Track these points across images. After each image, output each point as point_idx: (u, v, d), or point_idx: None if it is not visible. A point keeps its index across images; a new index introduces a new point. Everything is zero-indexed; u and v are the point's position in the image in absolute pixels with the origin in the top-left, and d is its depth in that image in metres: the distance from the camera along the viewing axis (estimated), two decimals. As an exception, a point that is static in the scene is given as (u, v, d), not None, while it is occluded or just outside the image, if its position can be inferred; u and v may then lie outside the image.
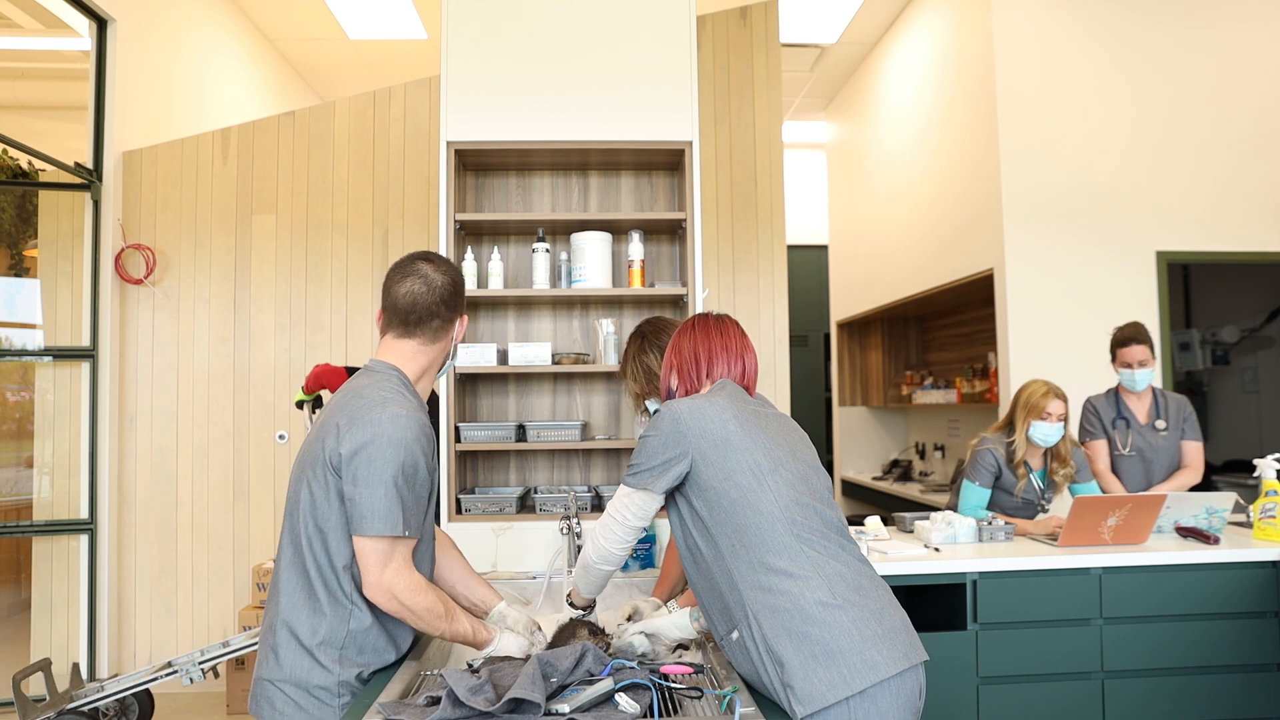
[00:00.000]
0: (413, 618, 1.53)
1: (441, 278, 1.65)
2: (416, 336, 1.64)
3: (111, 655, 4.19)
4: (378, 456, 1.46)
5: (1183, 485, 3.32)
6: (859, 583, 1.47)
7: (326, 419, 1.56)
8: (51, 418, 4.29)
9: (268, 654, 1.54)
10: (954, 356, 6.37)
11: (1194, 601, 2.64)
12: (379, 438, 1.46)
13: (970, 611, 2.59)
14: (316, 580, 1.51)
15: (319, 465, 1.51)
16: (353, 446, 1.46)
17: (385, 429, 1.47)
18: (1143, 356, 3.31)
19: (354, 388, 1.58)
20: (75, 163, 4.18)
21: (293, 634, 1.51)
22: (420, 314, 1.63)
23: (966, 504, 3.13)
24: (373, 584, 1.48)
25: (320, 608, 1.51)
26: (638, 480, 1.57)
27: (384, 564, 1.48)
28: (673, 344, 1.77)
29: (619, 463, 2.97)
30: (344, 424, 1.50)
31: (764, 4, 4.27)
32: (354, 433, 1.47)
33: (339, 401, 1.57)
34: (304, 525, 1.52)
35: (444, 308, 1.64)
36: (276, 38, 6.10)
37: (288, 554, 1.56)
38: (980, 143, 4.73)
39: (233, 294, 4.42)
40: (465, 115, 2.75)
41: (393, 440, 1.47)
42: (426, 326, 1.64)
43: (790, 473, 1.53)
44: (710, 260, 4.11)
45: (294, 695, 1.50)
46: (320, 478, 1.51)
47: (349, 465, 1.47)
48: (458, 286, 1.69)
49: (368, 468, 1.46)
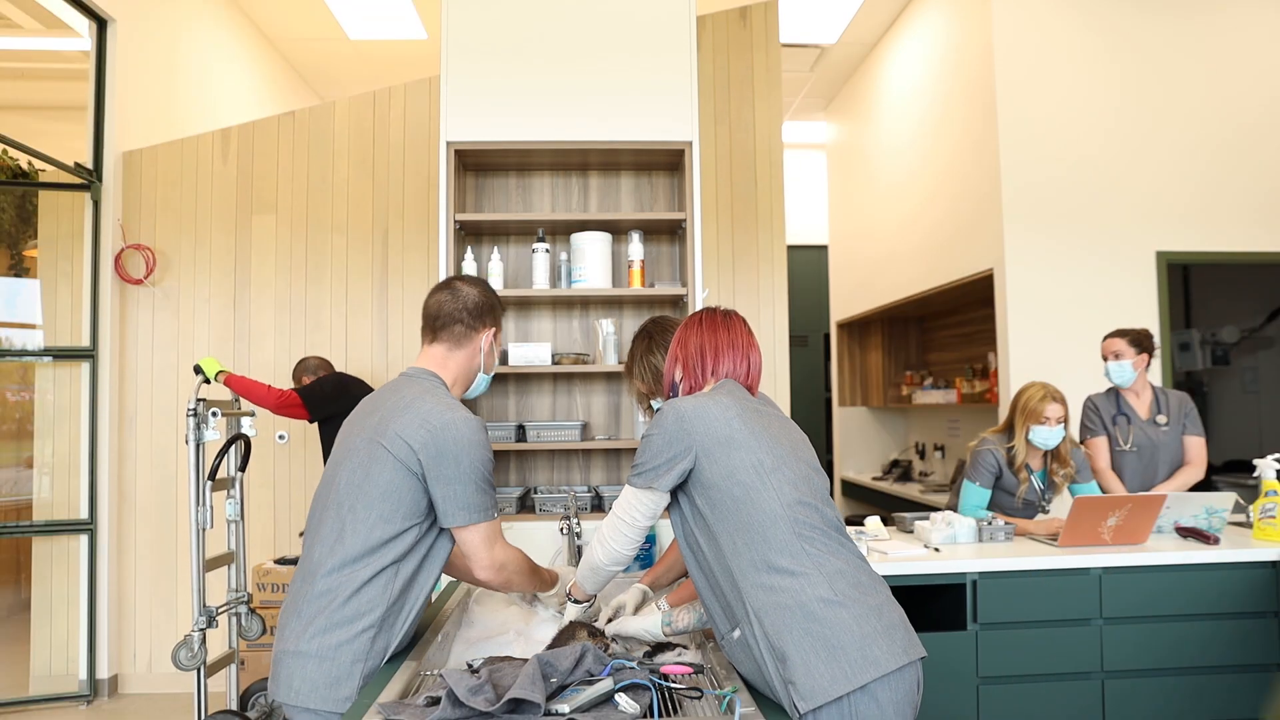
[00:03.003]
0: (519, 581, 1.77)
1: (470, 290, 1.80)
2: (442, 342, 1.78)
3: (111, 655, 4.19)
4: (464, 456, 1.60)
5: (1185, 482, 3.32)
6: (859, 579, 1.47)
7: (384, 420, 1.63)
8: (51, 418, 4.30)
9: (298, 628, 1.58)
10: (954, 356, 6.37)
11: (1194, 602, 2.64)
12: (460, 439, 1.60)
13: (970, 611, 2.59)
14: (364, 560, 1.58)
15: (383, 467, 1.60)
16: (438, 451, 1.58)
17: (464, 432, 1.61)
18: (1118, 349, 3.33)
19: (409, 393, 1.67)
20: (75, 163, 4.18)
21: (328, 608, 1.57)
22: (444, 319, 1.77)
23: (967, 504, 3.13)
24: (485, 565, 1.67)
25: (362, 584, 1.58)
26: (643, 479, 1.57)
27: (491, 545, 1.66)
28: (678, 337, 1.76)
29: (619, 462, 2.97)
30: (417, 430, 1.60)
31: (764, 4, 4.27)
32: (435, 438, 1.59)
33: (391, 403, 1.66)
34: (351, 523, 1.60)
35: (468, 315, 1.78)
36: (276, 38, 6.10)
37: (332, 536, 1.61)
38: (980, 142, 4.73)
39: (232, 294, 4.42)
40: (465, 115, 2.75)
41: (473, 441, 1.62)
42: (449, 332, 1.77)
43: (792, 472, 1.53)
44: (710, 260, 4.11)
45: (317, 670, 1.55)
46: (390, 477, 1.59)
47: (435, 469, 1.59)
48: (486, 300, 1.82)
49: (456, 467, 1.59)
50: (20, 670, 4.26)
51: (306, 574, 1.63)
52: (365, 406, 1.74)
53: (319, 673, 1.54)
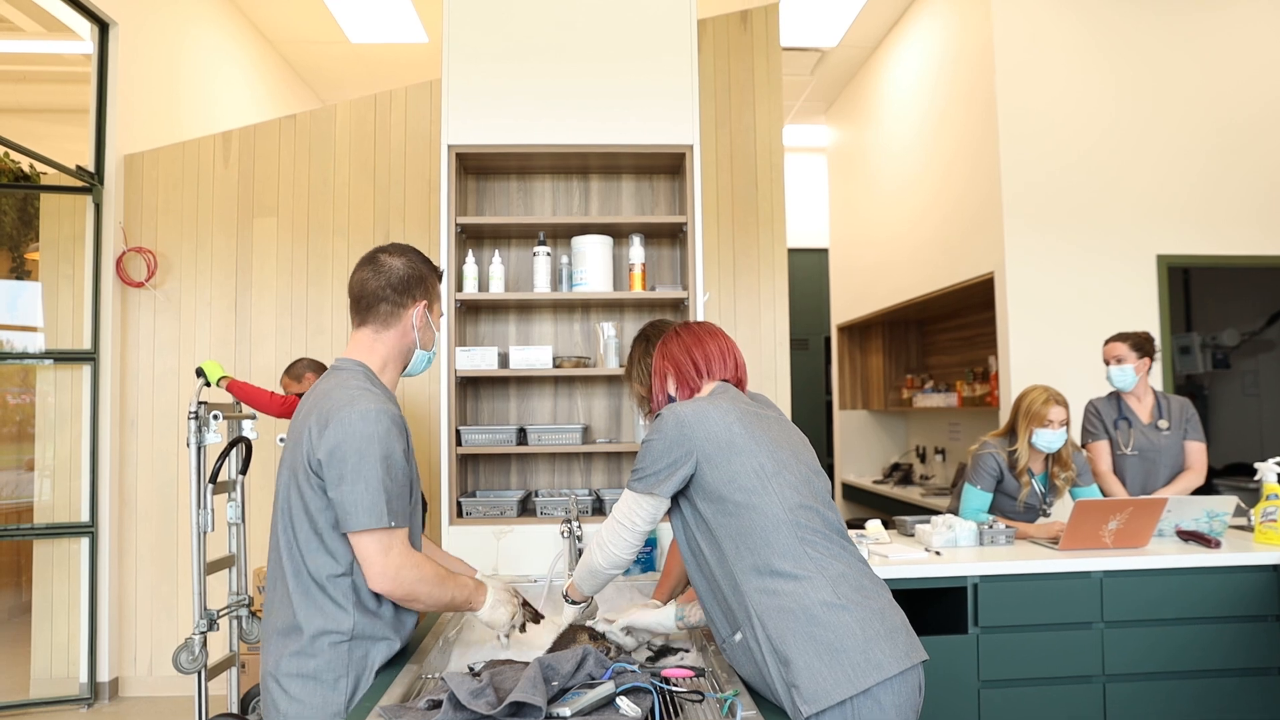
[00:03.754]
0: (422, 595, 1.55)
1: (396, 262, 1.64)
2: (368, 324, 1.65)
3: (112, 658, 4.19)
4: (352, 454, 1.46)
5: (1186, 487, 3.32)
6: (861, 583, 1.47)
7: (300, 423, 1.56)
8: (52, 421, 4.30)
9: (276, 650, 1.55)
10: (954, 360, 6.37)
11: (1195, 605, 2.63)
12: (352, 435, 1.47)
13: (971, 615, 2.59)
14: (311, 585, 1.52)
15: (300, 471, 1.52)
16: (329, 447, 1.47)
17: (356, 426, 1.47)
18: (1120, 353, 3.34)
19: (322, 389, 1.57)
20: (77, 166, 4.19)
21: (296, 631, 1.52)
22: (368, 299, 1.63)
23: (968, 508, 3.13)
24: (378, 574, 1.49)
25: (321, 608, 1.52)
26: (643, 485, 1.57)
27: (385, 552, 1.49)
28: (659, 353, 1.76)
29: (620, 466, 2.97)
30: (316, 426, 1.50)
31: (765, 8, 4.28)
32: (328, 434, 1.47)
33: (309, 405, 1.57)
34: (296, 531, 1.53)
35: (392, 292, 1.63)
36: (278, 41, 6.11)
37: (281, 559, 1.55)
38: (980, 146, 4.74)
39: (234, 297, 4.42)
40: (466, 119, 2.76)
41: (365, 435, 1.47)
42: (375, 312, 1.64)
43: (794, 475, 1.53)
44: (711, 264, 4.11)
45: (301, 690, 1.51)
46: (305, 482, 1.51)
47: (329, 466, 1.47)
48: (414, 273, 1.66)
49: (342, 466, 1.46)
50: (21, 673, 4.25)
51: (273, 593, 1.58)
52: (295, 417, 1.62)
53: (303, 692, 1.51)
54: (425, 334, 1.70)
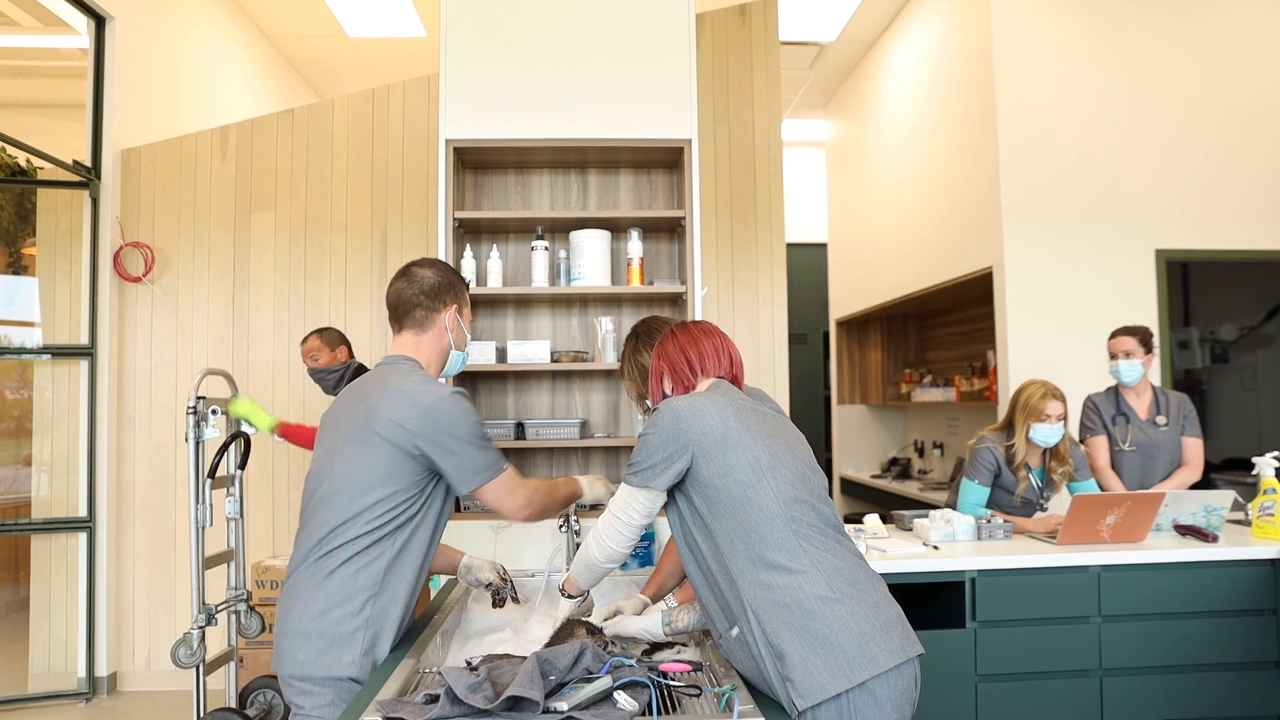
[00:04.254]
0: (554, 506, 1.93)
1: (426, 272, 1.84)
2: (407, 329, 1.83)
3: (110, 653, 4.19)
4: (458, 426, 1.68)
5: (1183, 483, 3.32)
6: (856, 577, 1.48)
7: (372, 408, 1.69)
8: (50, 416, 4.29)
9: (301, 609, 1.65)
10: (953, 354, 6.37)
11: (1192, 599, 2.64)
12: (451, 413, 1.67)
13: (969, 609, 2.59)
14: (364, 538, 1.65)
15: (383, 449, 1.66)
16: (433, 426, 1.65)
17: (451, 405, 1.69)
18: (1129, 347, 3.33)
19: (391, 380, 1.73)
20: (74, 160, 4.18)
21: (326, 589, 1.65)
22: (404, 306, 1.82)
23: (965, 502, 3.13)
24: (515, 511, 1.79)
25: (364, 562, 1.65)
26: (639, 478, 1.58)
27: (510, 492, 1.77)
28: (656, 352, 1.78)
29: (618, 460, 2.97)
30: (408, 413, 1.66)
31: (763, 2, 4.27)
32: (429, 416, 1.65)
33: (378, 391, 1.71)
34: (349, 503, 1.66)
35: (425, 298, 1.82)
36: (275, 35, 6.09)
37: (334, 521, 1.67)
38: (979, 140, 4.73)
39: (231, 292, 4.41)
40: (464, 113, 2.75)
41: (463, 408, 1.71)
42: (411, 318, 1.82)
43: (789, 470, 1.53)
44: (709, 258, 4.11)
45: (320, 642, 1.62)
46: (389, 458, 1.66)
47: (435, 444, 1.66)
48: (444, 280, 1.85)
49: (454, 439, 1.67)
50: (19, 668, 4.26)
51: (307, 559, 1.68)
52: (351, 395, 1.79)
53: (322, 644, 1.61)
54: (458, 335, 1.88)
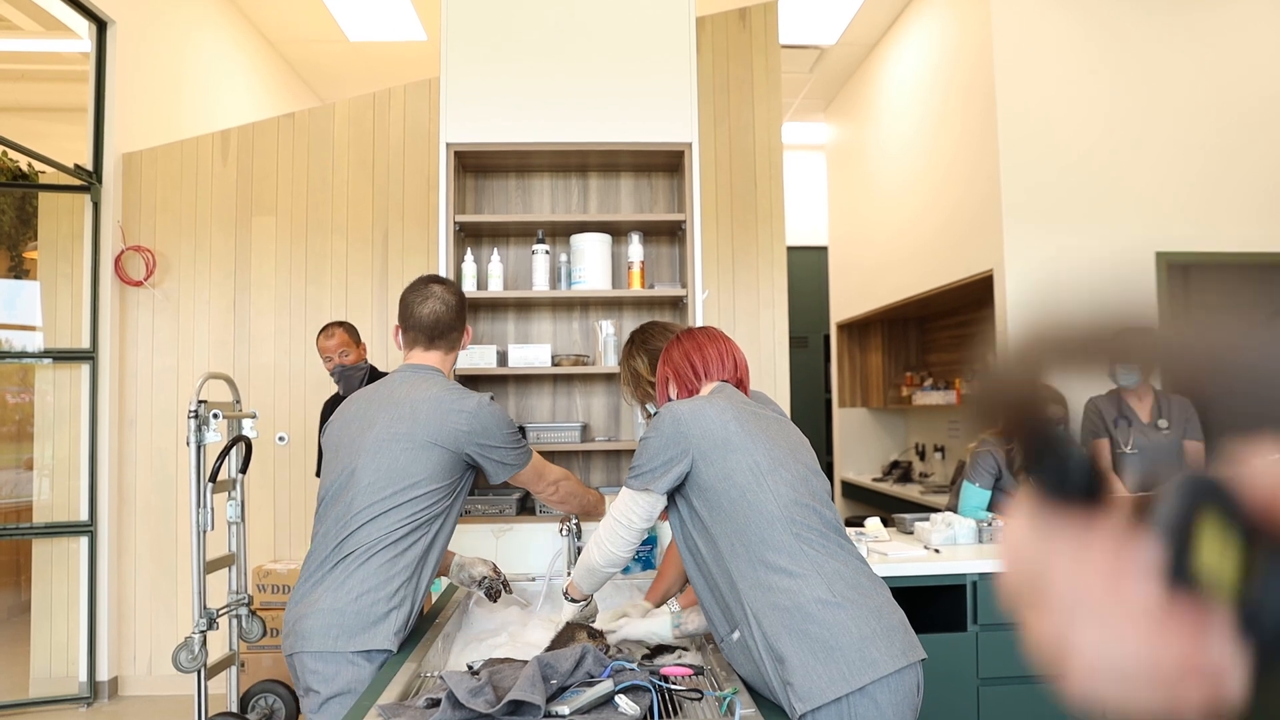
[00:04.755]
0: (572, 500, 2.15)
1: (454, 297, 2.01)
2: (439, 348, 1.99)
3: (112, 658, 4.19)
4: (502, 428, 1.89)
5: (1183, 485, 3.32)
6: (858, 581, 1.47)
7: (408, 412, 1.82)
8: (51, 420, 4.29)
9: (331, 593, 1.73)
10: (954, 357, 6.36)
11: (1194, 602, 2.63)
12: (494, 416, 1.88)
13: (970, 613, 2.59)
14: (404, 530, 1.77)
15: (431, 449, 1.79)
16: (483, 430, 1.84)
17: (493, 410, 1.88)
18: None
19: (432, 390, 1.86)
20: (75, 164, 4.18)
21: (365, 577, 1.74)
22: (443, 328, 1.98)
23: (967, 505, 3.13)
24: (540, 490, 2.06)
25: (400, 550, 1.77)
26: (639, 482, 1.58)
27: (539, 475, 2.02)
28: (661, 359, 1.80)
29: (619, 464, 2.96)
30: (459, 418, 1.82)
31: (763, 5, 4.27)
32: (473, 419, 1.83)
33: (414, 396, 1.84)
34: (408, 486, 1.79)
35: (459, 321, 2.01)
36: (276, 39, 6.10)
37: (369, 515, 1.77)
38: (979, 143, 4.73)
39: (232, 296, 4.41)
40: (465, 117, 2.75)
41: (501, 414, 1.91)
42: (447, 339, 1.99)
43: (790, 473, 1.53)
44: (710, 261, 4.11)
45: (354, 620, 1.69)
46: (436, 455, 1.80)
47: (478, 444, 1.84)
48: (464, 302, 2.06)
49: (499, 438, 1.88)
50: (20, 672, 4.25)
51: (342, 546, 1.76)
52: (375, 398, 1.89)
53: (358, 623, 1.69)
54: None
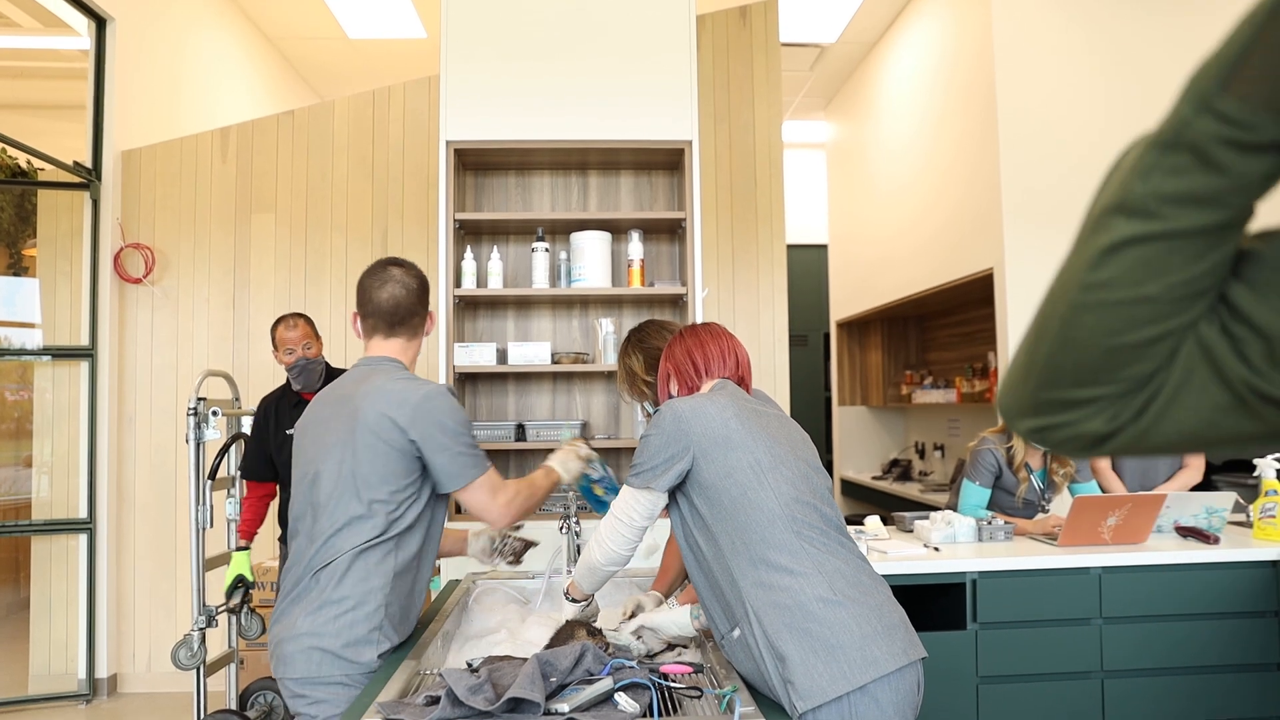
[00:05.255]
0: (533, 504, 1.86)
1: (414, 280, 1.86)
2: (400, 335, 1.84)
3: (111, 655, 4.19)
4: (449, 422, 1.68)
5: (1184, 485, 3.32)
6: (859, 579, 1.47)
7: (361, 408, 1.68)
8: (50, 417, 4.29)
9: (309, 616, 1.63)
10: (954, 356, 6.36)
11: (1194, 601, 2.63)
12: (442, 409, 1.68)
13: (970, 611, 2.59)
14: (370, 540, 1.66)
15: (373, 449, 1.65)
16: (426, 422, 1.66)
17: (442, 401, 1.69)
18: None
19: (378, 381, 1.72)
20: (74, 162, 4.18)
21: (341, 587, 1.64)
22: (403, 314, 1.82)
23: (966, 503, 3.13)
24: (498, 515, 1.77)
25: (371, 562, 1.66)
26: (641, 480, 1.58)
27: (494, 495, 1.76)
28: (665, 354, 1.80)
29: (619, 461, 2.96)
30: (400, 410, 1.66)
31: (764, 3, 4.27)
32: (419, 414, 1.66)
33: (365, 391, 1.69)
34: (349, 504, 1.66)
35: (420, 305, 1.86)
36: (276, 37, 6.09)
37: (335, 525, 1.67)
38: (980, 142, 4.73)
39: (232, 293, 4.41)
40: (464, 115, 2.75)
41: (452, 408, 1.71)
42: (408, 325, 1.84)
43: (791, 470, 1.53)
44: (710, 260, 4.11)
45: (335, 644, 1.60)
46: (383, 457, 1.65)
47: (428, 438, 1.66)
48: (426, 285, 1.89)
49: (444, 434, 1.67)
50: (19, 669, 4.25)
51: (313, 565, 1.67)
52: (331, 398, 1.78)
53: (338, 647, 1.60)
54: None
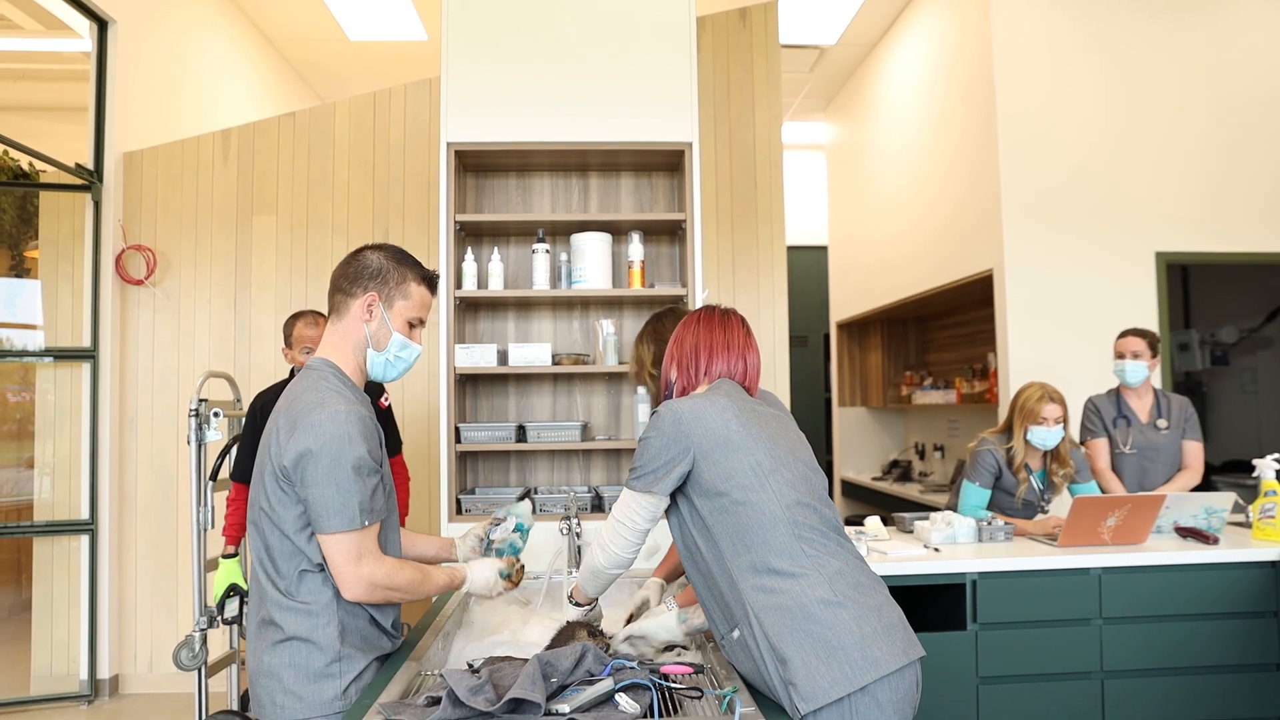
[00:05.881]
0: (398, 596, 1.57)
1: (370, 255, 1.62)
2: (330, 315, 1.64)
3: (113, 656, 4.19)
4: (324, 456, 1.45)
5: (1183, 486, 3.33)
6: (858, 580, 1.48)
7: (270, 426, 1.55)
8: (52, 418, 4.30)
9: (262, 646, 1.54)
10: (953, 357, 6.37)
11: (1193, 601, 2.64)
12: (322, 438, 1.45)
13: (970, 612, 2.60)
14: (285, 586, 1.52)
15: (267, 474, 1.51)
16: (298, 451, 1.46)
17: (327, 428, 1.46)
18: (1137, 348, 3.34)
19: (294, 390, 1.56)
20: (76, 164, 4.18)
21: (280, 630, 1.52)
22: (331, 289, 1.63)
23: (966, 504, 3.14)
24: (350, 582, 1.49)
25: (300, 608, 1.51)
26: (641, 483, 1.57)
27: (356, 559, 1.48)
28: (675, 336, 1.76)
29: (619, 463, 2.97)
30: (285, 429, 1.49)
31: (764, 5, 4.28)
32: (297, 437, 1.46)
33: (280, 405, 1.56)
34: (266, 534, 1.53)
35: (345, 281, 1.60)
36: (277, 39, 6.11)
37: (263, 552, 1.55)
38: (979, 143, 4.74)
39: (233, 295, 4.42)
40: (465, 116, 2.76)
41: (335, 437, 1.46)
42: (333, 302, 1.63)
43: (791, 472, 1.53)
44: (710, 260, 4.11)
45: (295, 686, 1.50)
46: (273, 485, 1.50)
47: (296, 469, 1.46)
48: (374, 265, 1.60)
49: (316, 469, 1.45)
50: (21, 670, 4.26)
51: (257, 592, 1.57)
52: (273, 411, 1.61)
53: (296, 685, 1.50)
54: (378, 331, 1.61)
